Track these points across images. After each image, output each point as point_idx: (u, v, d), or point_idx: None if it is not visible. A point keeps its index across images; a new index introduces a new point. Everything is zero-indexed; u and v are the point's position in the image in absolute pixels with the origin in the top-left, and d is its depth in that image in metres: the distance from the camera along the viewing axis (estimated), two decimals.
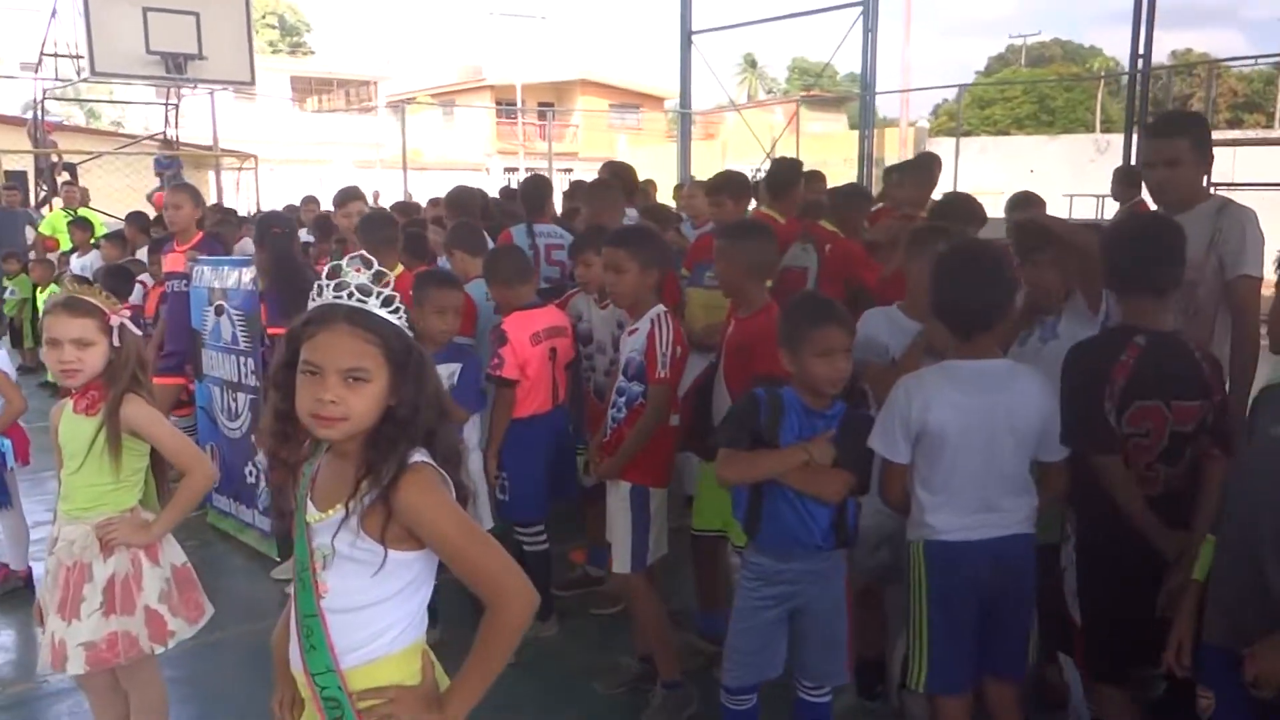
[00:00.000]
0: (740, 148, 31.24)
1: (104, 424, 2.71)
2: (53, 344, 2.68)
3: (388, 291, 1.76)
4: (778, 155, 19.50)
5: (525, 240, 5.23)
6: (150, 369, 2.89)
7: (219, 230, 6.17)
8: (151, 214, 10.41)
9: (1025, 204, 5.29)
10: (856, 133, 27.93)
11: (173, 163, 15.51)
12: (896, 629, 3.29)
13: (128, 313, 2.80)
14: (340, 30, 57.07)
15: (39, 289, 9.79)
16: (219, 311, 5.14)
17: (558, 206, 6.42)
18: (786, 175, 5.59)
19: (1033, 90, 39.33)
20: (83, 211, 11.52)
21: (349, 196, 5.40)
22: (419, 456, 1.75)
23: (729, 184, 5.19)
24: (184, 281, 5.55)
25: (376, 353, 1.71)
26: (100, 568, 2.71)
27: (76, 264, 9.43)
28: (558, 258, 5.35)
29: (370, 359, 1.70)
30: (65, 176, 13.93)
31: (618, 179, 5.92)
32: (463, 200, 5.73)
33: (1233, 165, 16.64)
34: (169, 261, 5.62)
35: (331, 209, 6.42)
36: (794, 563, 2.74)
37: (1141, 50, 14.56)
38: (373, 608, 1.76)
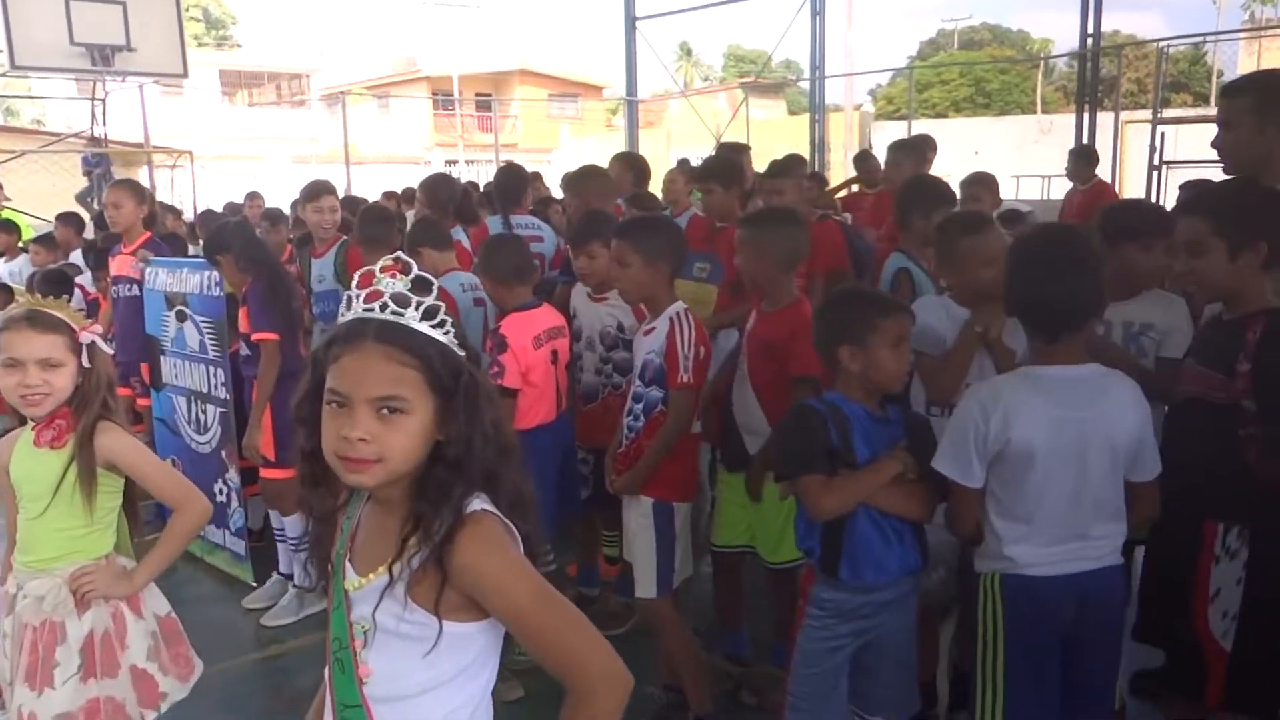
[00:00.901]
0: (684, 136, 31.07)
1: (75, 458, 2.37)
2: (12, 366, 2.32)
3: (430, 301, 1.44)
4: (723, 142, 19.36)
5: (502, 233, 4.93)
6: (114, 389, 2.54)
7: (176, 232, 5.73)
8: (85, 215, 9.85)
9: (979, 183, 5.12)
10: (797, 119, 27.95)
11: (101, 160, 14.77)
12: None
13: (98, 328, 2.46)
14: (268, 22, 55.57)
15: None
16: (181, 317, 4.74)
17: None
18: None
19: (969, 73, 39.68)
20: (5, 213, 10.87)
21: (321, 190, 5.00)
22: (478, 504, 1.44)
23: (720, 169, 4.90)
24: (131, 285, 5.13)
25: (416, 377, 1.40)
26: (75, 626, 2.36)
27: (3, 269, 8.83)
28: (536, 250, 5.05)
29: (409, 385, 1.39)
30: None
31: (631, 170, 5.65)
32: (436, 189, 5.37)
33: (1175, 143, 16.83)
34: (116, 264, 5.18)
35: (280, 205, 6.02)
36: (876, 593, 2.47)
37: (1090, 30, 14.64)
38: (427, 695, 1.44)
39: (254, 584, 4.57)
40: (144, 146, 15.59)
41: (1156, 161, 13.52)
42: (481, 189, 9.74)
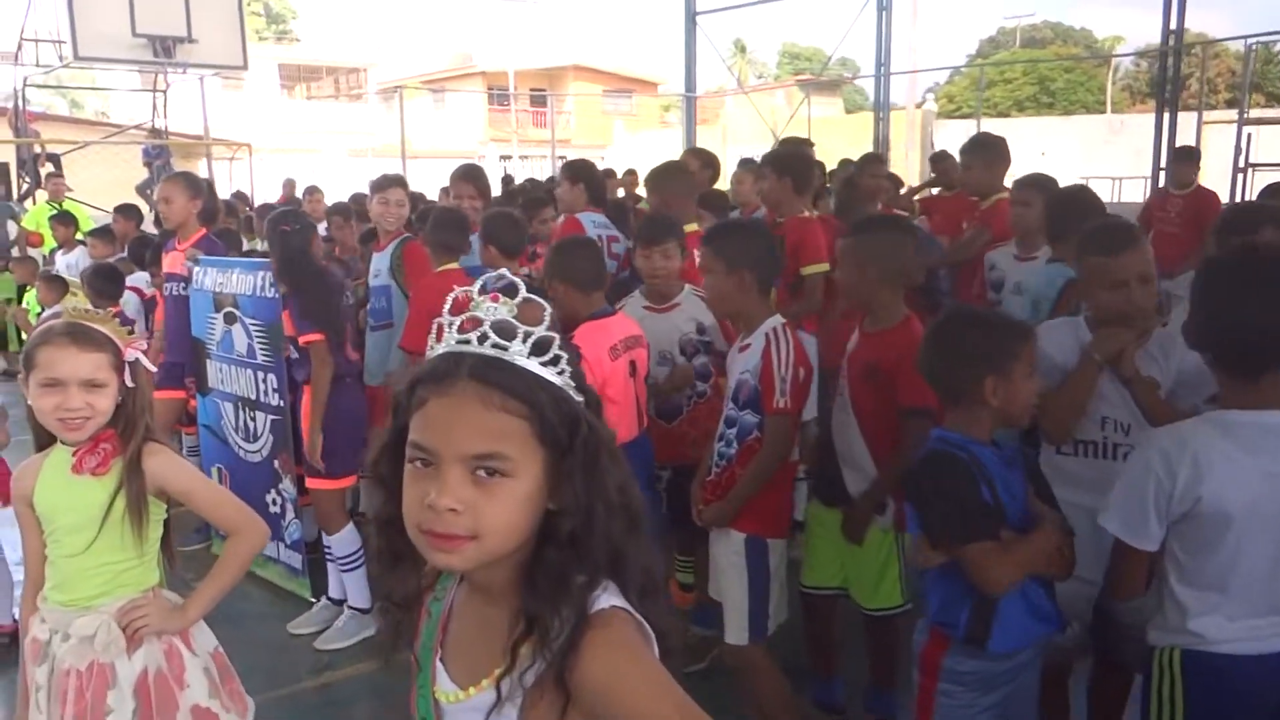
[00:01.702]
0: (741, 133, 30.67)
1: (123, 485, 2.13)
2: (52, 386, 2.08)
3: (542, 332, 1.15)
4: (785, 137, 18.97)
5: (593, 232, 4.65)
6: (149, 407, 2.30)
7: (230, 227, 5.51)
8: (145, 207, 9.78)
9: (1031, 186, 4.73)
10: (857, 116, 27.40)
11: (161, 152, 14.81)
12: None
13: (142, 344, 2.21)
14: (327, 17, 55.86)
15: (25, 288, 9.14)
16: (230, 319, 4.52)
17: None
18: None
19: (1033, 71, 38.76)
20: (66, 204, 10.86)
21: (389, 182, 4.75)
22: (607, 598, 1.14)
23: (773, 157, 4.55)
24: (182, 284, 4.93)
25: (522, 429, 1.10)
26: (126, 667, 2.14)
27: (61, 262, 8.78)
28: (616, 250, 4.78)
29: (513, 439, 1.10)
30: (49, 168, 13.22)
31: (708, 168, 5.35)
32: (479, 175, 5.11)
33: (1256, 145, 16.13)
34: (168, 262, 4.97)
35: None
36: (1018, 656, 2.15)
37: (1174, 25, 14.03)
38: None
39: (311, 599, 4.33)
40: (204, 139, 15.58)
41: (1242, 164, 12.90)
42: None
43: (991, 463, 2.15)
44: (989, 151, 5.14)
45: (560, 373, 1.14)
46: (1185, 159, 7.64)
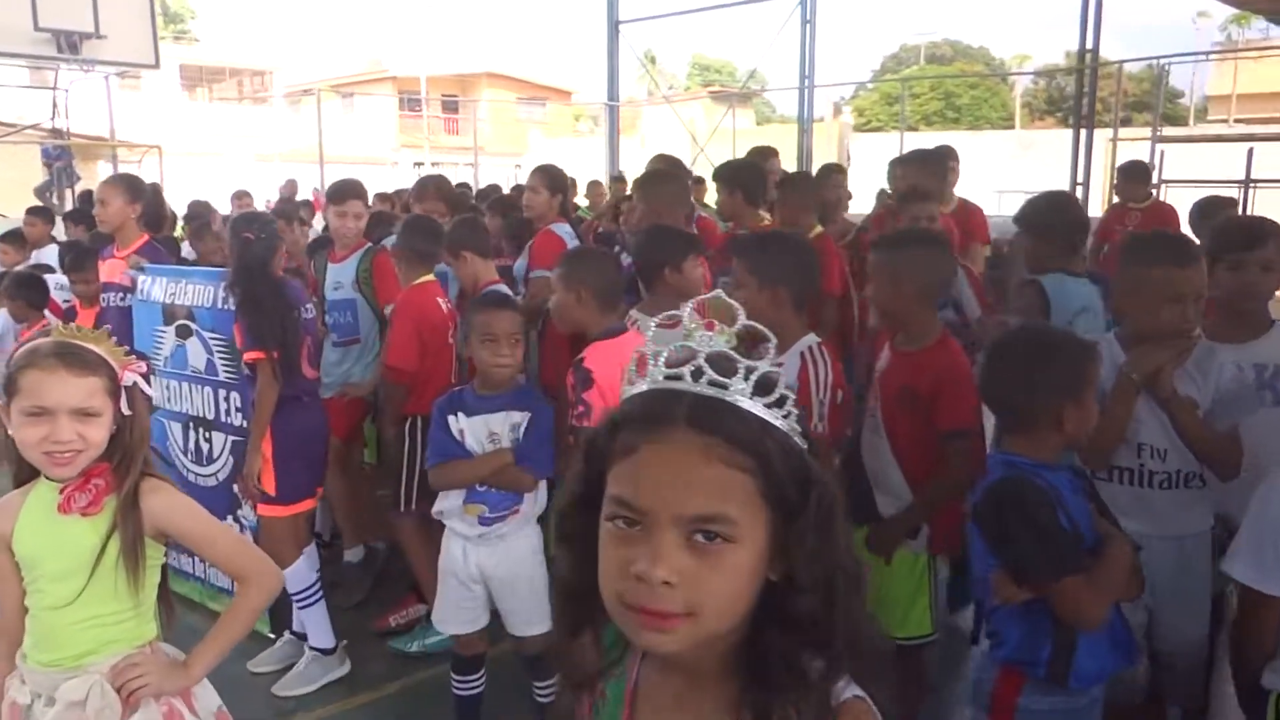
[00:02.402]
0: (659, 143, 30.72)
1: (117, 526, 1.88)
2: (38, 415, 1.82)
3: (766, 367, 0.98)
4: (699, 151, 19.03)
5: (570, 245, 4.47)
6: (148, 437, 2.04)
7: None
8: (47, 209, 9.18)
9: (920, 201, 4.76)
10: (769, 128, 27.64)
11: (63, 153, 14.04)
12: None
13: (142, 366, 1.96)
14: (227, 18, 54.31)
15: None
16: (183, 333, 4.20)
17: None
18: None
19: (939, 87, 39.87)
20: None
21: (348, 191, 4.47)
22: (849, 689, 0.98)
23: (739, 177, 4.44)
24: (122, 294, 4.58)
25: (747, 486, 0.93)
26: None
27: None
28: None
29: (736, 498, 0.93)
30: None
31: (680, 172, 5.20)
32: (448, 191, 4.89)
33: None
34: (106, 269, 4.61)
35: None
36: (1093, 692, 2.05)
37: (1089, 45, 14.50)
38: None
39: (271, 634, 4.02)
40: (109, 140, 14.83)
41: (1156, 180, 13.38)
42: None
43: (1065, 488, 2.06)
44: (935, 162, 5.16)
45: (786, 415, 0.97)
46: (1138, 175, 7.68)
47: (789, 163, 17.15)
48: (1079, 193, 13.93)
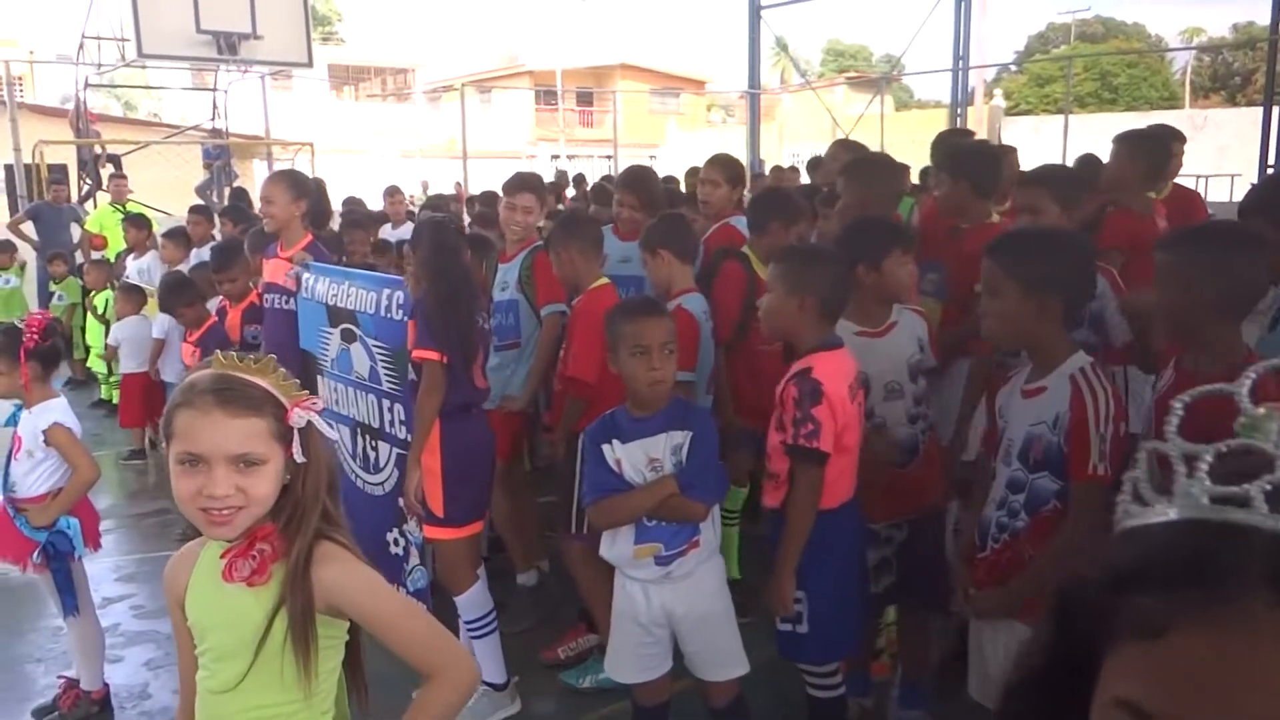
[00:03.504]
0: (797, 131, 30.02)
1: (284, 601, 1.55)
2: (191, 464, 1.52)
3: None
4: (839, 137, 18.28)
5: None
6: (338, 487, 1.72)
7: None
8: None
9: (1037, 185, 4.03)
10: (917, 114, 26.59)
11: (221, 152, 14.49)
12: None
13: (318, 403, 1.64)
14: (371, 18, 55.81)
15: (91, 293, 8.75)
16: (347, 337, 4.01)
17: None
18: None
19: (1094, 66, 37.69)
20: (133, 206, 10.49)
21: (521, 185, 4.21)
22: None
23: (968, 164, 3.88)
24: (286, 297, 4.44)
25: None
26: None
27: (132, 267, 8.37)
28: None
29: None
30: (110, 169, 12.89)
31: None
32: (646, 182, 4.55)
33: None
34: (270, 270, 4.48)
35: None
36: None
37: None
38: None
39: None
40: (264, 139, 15.22)
41: None
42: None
43: None
44: (1152, 143, 4.52)
45: None
46: None
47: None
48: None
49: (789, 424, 2.50)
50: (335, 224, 7.25)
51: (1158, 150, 4.16)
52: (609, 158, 28.98)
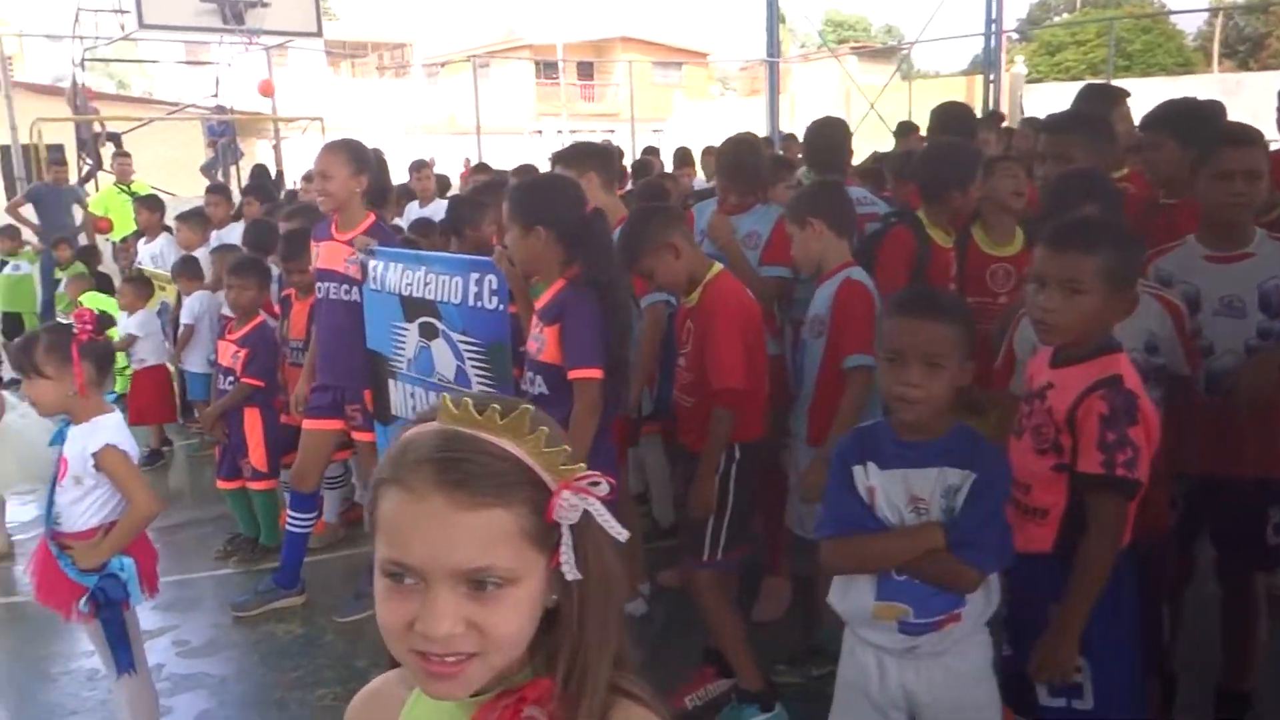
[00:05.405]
0: (809, 104, 29.30)
1: None
2: (397, 579, 0.92)
3: None
4: (857, 109, 17.65)
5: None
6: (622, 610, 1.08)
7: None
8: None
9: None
10: (915, 84, 25.91)
11: (226, 129, 13.80)
12: None
13: (602, 486, 0.98)
14: None
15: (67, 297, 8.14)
16: (427, 333, 3.43)
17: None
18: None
19: (1107, 32, 36.96)
20: (139, 186, 9.85)
21: (578, 157, 3.63)
22: None
23: (1195, 128, 3.22)
24: (343, 286, 3.84)
25: None
26: None
27: (144, 251, 7.76)
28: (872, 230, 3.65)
29: None
30: (110, 148, 12.21)
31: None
32: (740, 154, 3.95)
33: None
34: (325, 254, 3.88)
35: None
36: None
37: None
38: None
39: None
40: (270, 114, 14.53)
41: None
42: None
43: None
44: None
45: None
46: None
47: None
48: None
49: (1092, 448, 1.92)
50: None
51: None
52: (611, 132, 28.28)
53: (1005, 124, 7.11)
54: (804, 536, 3.20)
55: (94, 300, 7.15)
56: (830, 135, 4.20)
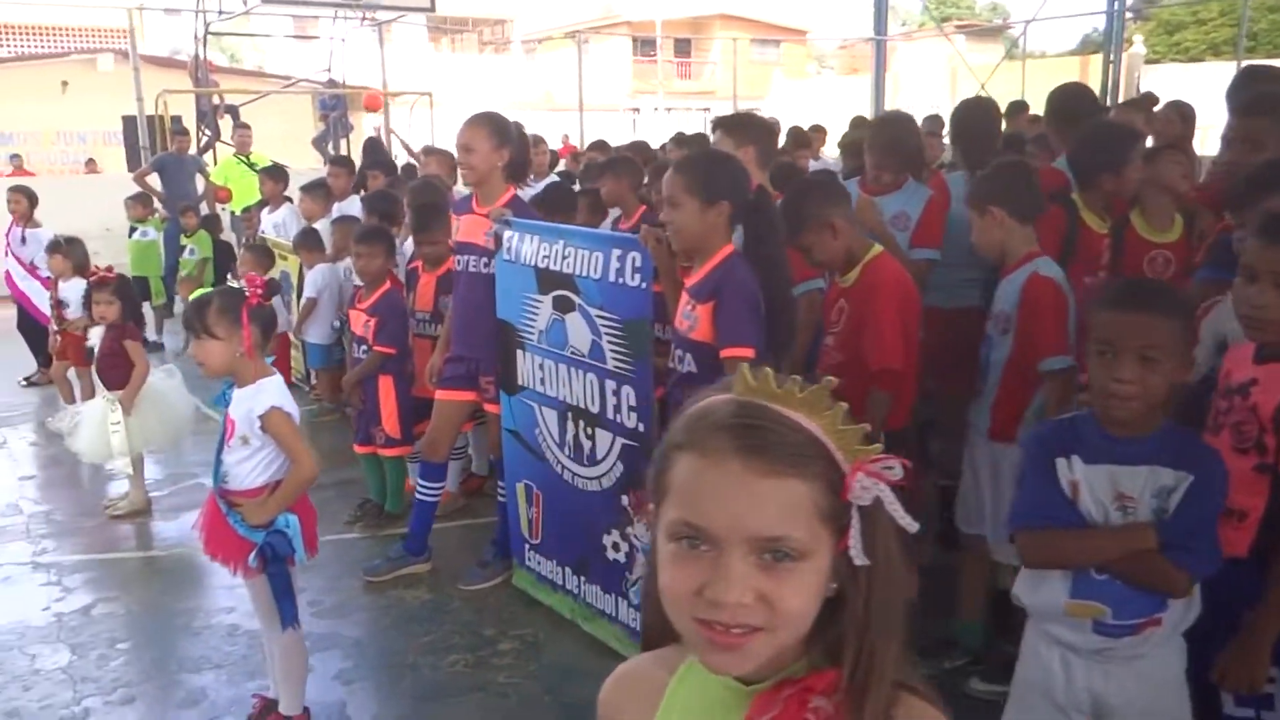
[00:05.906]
0: (911, 83, 28.65)
1: None
2: (691, 543, 0.90)
3: None
4: (963, 89, 17.12)
5: None
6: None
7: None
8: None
9: None
10: (1020, 64, 25.14)
11: (338, 103, 14.10)
12: None
13: (896, 469, 0.90)
14: None
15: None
16: (562, 305, 3.43)
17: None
18: None
19: (1231, 12, 35.25)
20: (257, 158, 10.11)
21: (740, 125, 3.56)
22: None
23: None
24: (482, 259, 3.87)
25: None
26: None
27: (267, 221, 7.98)
28: None
29: None
30: (228, 120, 12.57)
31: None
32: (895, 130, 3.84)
33: None
34: (465, 228, 3.91)
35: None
36: None
37: None
38: None
39: None
40: (381, 89, 14.77)
41: None
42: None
43: None
44: None
45: None
46: None
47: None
48: None
49: None
50: None
51: None
52: (707, 110, 28.06)
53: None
54: (969, 532, 3.11)
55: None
56: (981, 116, 4.05)
